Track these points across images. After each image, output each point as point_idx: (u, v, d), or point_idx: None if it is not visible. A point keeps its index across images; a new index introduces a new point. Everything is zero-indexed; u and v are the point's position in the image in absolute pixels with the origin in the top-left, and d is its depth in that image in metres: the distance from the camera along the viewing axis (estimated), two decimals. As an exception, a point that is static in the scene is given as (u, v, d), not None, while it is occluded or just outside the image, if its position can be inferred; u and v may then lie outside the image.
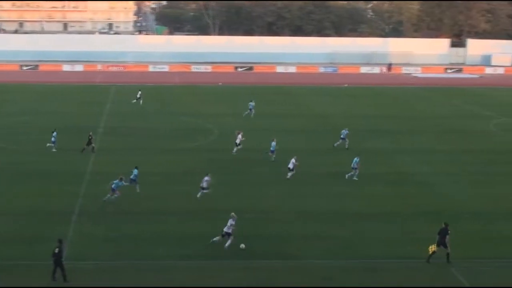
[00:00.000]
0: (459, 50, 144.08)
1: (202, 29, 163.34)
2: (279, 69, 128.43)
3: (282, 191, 45.14)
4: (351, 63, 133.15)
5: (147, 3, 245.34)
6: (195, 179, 44.99)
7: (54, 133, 56.52)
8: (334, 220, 40.00)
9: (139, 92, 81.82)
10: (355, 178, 48.45)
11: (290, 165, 48.64)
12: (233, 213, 35.42)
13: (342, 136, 59.17)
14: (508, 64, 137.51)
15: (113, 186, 41.72)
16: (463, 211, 41.98)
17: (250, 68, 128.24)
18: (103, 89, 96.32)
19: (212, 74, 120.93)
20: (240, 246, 34.74)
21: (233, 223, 34.90)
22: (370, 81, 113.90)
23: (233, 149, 56.08)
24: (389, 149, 59.47)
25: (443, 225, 33.93)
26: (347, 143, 58.68)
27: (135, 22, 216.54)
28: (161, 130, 65.79)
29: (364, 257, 34.41)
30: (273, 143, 54.09)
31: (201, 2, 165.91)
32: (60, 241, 31.07)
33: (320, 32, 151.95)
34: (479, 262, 33.75)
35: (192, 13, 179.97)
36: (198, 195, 43.17)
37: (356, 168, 48.72)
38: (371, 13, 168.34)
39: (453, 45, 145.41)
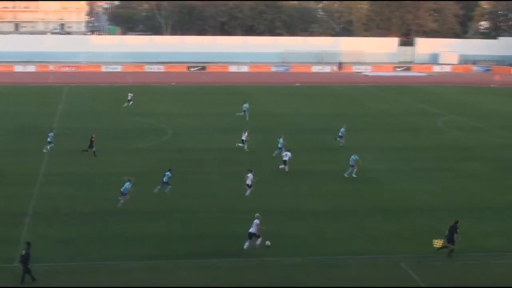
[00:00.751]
0: (408, 49, 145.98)
1: (154, 29, 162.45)
2: (232, 68, 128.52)
3: (238, 190, 44.93)
4: (302, 62, 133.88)
5: (99, 3, 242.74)
6: (150, 179, 44.75)
7: (51, 133, 55.89)
8: (291, 217, 39.93)
9: (131, 95, 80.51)
10: (354, 175, 48.83)
11: (285, 158, 49.75)
12: (257, 214, 35.19)
13: (340, 134, 60.04)
14: (455, 62, 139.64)
15: (122, 189, 40.95)
16: (414, 207, 42.44)
17: (203, 68, 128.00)
18: (55, 89, 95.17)
19: (165, 74, 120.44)
20: (266, 243, 34.64)
21: (258, 222, 34.66)
22: (321, 80, 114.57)
23: (242, 147, 57.00)
24: (341, 147, 59.73)
25: (453, 222, 34.44)
26: (342, 140, 59.51)
27: (88, 22, 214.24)
28: (115, 131, 65.14)
29: (321, 254, 34.42)
30: (281, 140, 54.55)
31: (153, 2, 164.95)
32: (28, 244, 30.57)
33: (272, 31, 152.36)
34: (429, 257, 34.02)
35: (144, 13, 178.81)
36: (247, 193, 43.26)
37: (353, 166, 49.16)
38: (321, 13, 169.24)
39: (402, 44, 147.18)
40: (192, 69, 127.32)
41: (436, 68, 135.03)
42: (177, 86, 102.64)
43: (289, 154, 49.85)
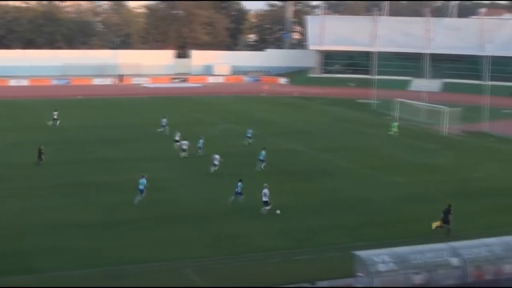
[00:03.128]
0: (184, 60, 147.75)
1: None
2: (12, 82, 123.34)
3: (18, 206, 43.33)
4: (83, 75, 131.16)
5: None
6: None
7: None
8: (78, 230, 38.97)
9: (55, 113, 75.25)
10: (262, 168, 54.69)
11: (216, 161, 53.91)
12: (266, 184, 42.79)
13: (248, 135, 66.25)
14: (228, 73, 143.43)
15: (140, 187, 43.75)
16: (196, 212, 43.12)
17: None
18: None
19: None
20: (276, 212, 42.04)
21: (267, 192, 42.18)
22: (102, 92, 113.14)
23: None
24: (122, 157, 59.47)
25: (447, 206, 39.33)
26: (250, 141, 65.56)
27: None
28: None
29: (109, 264, 33.87)
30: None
31: None
32: None
33: (52, 45, 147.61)
34: (211, 260, 34.66)
35: None
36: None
37: (263, 160, 54.82)
38: (101, 26, 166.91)
39: (179, 56, 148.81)
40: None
41: (211, 79, 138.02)
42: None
43: (217, 156, 54.23)
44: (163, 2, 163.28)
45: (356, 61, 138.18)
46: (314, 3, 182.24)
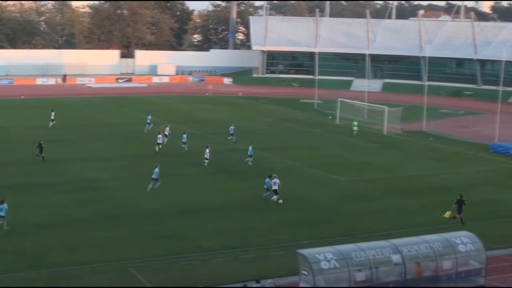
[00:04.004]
0: (129, 60, 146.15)
1: None
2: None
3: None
4: (27, 74, 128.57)
5: None
6: None
7: None
8: (14, 232, 38.00)
9: (53, 113, 73.59)
10: (250, 164, 56.55)
11: (206, 155, 55.69)
12: (275, 174, 45.13)
13: (231, 132, 67.75)
14: (172, 73, 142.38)
15: (153, 176, 46.60)
16: (139, 213, 42.60)
17: None
18: None
19: None
20: (279, 201, 44.27)
21: (278, 181, 44.38)
22: (46, 92, 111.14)
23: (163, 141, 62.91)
24: (68, 158, 58.48)
25: (459, 197, 41.20)
26: (233, 137, 67.21)
27: None
28: None
29: (50, 266, 33.14)
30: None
31: None
32: None
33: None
34: (155, 260, 34.25)
35: None
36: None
37: (251, 156, 56.96)
38: (44, 26, 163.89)
39: (123, 56, 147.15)
40: None
41: (156, 79, 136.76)
42: None
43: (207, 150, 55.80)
44: (107, 2, 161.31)
45: (299, 62, 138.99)
46: (257, 3, 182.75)
